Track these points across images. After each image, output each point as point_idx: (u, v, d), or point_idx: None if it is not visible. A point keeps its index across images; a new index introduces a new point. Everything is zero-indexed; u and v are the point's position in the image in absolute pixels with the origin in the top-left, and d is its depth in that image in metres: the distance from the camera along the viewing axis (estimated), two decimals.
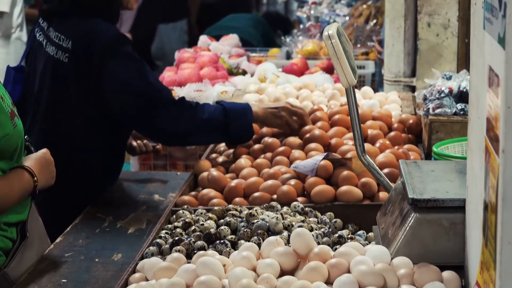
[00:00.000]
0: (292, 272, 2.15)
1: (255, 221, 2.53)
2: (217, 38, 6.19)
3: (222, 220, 2.61)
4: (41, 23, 3.32)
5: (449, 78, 3.43)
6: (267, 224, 2.50)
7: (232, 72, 5.33)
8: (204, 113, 3.21)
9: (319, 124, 3.43)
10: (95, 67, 3.13)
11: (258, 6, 11.23)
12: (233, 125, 3.25)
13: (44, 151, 2.66)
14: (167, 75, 4.96)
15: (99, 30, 3.17)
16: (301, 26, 7.47)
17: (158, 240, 2.51)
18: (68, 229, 2.93)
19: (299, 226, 2.48)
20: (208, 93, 4.56)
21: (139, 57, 3.20)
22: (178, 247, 2.41)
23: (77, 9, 3.21)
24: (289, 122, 3.40)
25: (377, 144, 3.27)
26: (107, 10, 3.24)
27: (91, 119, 3.22)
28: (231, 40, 6.03)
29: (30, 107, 3.28)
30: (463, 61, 4.24)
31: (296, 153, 3.19)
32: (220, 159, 3.41)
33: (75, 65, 3.16)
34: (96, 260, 2.63)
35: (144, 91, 3.13)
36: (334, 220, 2.67)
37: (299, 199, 2.86)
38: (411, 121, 3.59)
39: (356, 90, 3.09)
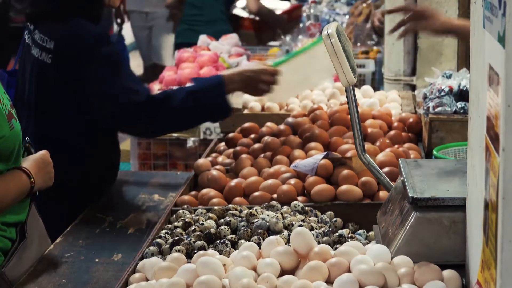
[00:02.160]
0: (292, 271, 2.15)
1: (255, 220, 2.52)
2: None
3: (222, 220, 2.60)
4: (29, 25, 3.33)
5: (449, 76, 3.43)
6: (267, 223, 2.50)
7: None
8: (174, 105, 3.13)
9: (319, 123, 3.43)
10: (75, 68, 3.12)
11: None
12: (206, 106, 3.17)
13: (43, 152, 2.66)
14: (167, 75, 4.96)
15: (80, 30, 3.16)
16: (301, 25, 7.45)
17: (158, 240, 2.51)
18: (68, 229, 2.93)
19: (299, 226, 2.48)
20: None
21: (118, 57, 3.18)
22: (178, 247, 2.41)
23: (60, 10, 3.20)
24: (267, 83, 3.24)
25: (377, 143, 3.27)
26: (89, 9, 3.23)
27: (78, 120, 3.21)
28: (231, 39, 6.03)
29: (22, 111, 3.27)
30: (463, 60, 4.25)
31: (296, 152, 3.18)
32: (220, 158, 3.41)
33: (57, 66, 3.15)
34: (96, 260, 2.62)
35: (117, 96, 3.11)
36: (334, 219, 2.67)
37: (299, 198, 2.86)
38: (411, 120, 3.59)
39: (356, 89, 3.09)
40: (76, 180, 3.24)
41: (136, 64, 9.27)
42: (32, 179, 2.54)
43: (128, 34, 8.70)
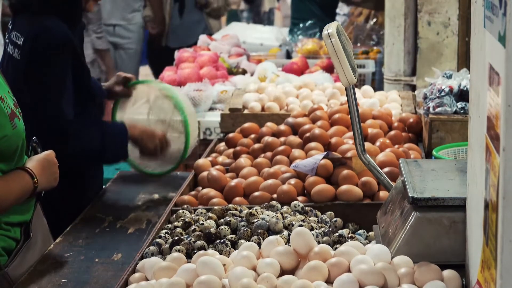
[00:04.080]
0: (292, 271, 2.15)
1: (255, 220, 2.52)
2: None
3: (222, 220, 2.60)
4: (9, 26, 3.34)
5: (450, 76, 3.43)
6: (267, 223, 2.50)
7: (232, 71, 5.32)
8: (84, 140, 3.18)
9: (319, 123, 3.43)
10: (32, 65, 3.13)
11: None
12: (108, 150, 3.23)
13: (47, 152, 2.66)
14: (166, 75, 4.96)
15: (46, 29, 3.15)
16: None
17: (158, 240, 2.51)
18: (68, 229, 2.93)
19: (299, 226, 2.48)
20: (208, 92, 4.55)
21: (66, 71, 3.16)
22: (178, 247, 2.41)
23: (37, 7, 3.20)
24: (159, 147, 3.37)
25: (377, 143, 3.27)
26: (66, 10, 3.22)
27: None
28: (231, 39, 6.03)
29: None
30: (463, 60, 4.25)
31: (296, 152, 3.18)
32: (220, 158, 3.40)
33: (23, 61, 3.15)
34: (96, 260, 2.62)
35: (41, 110, 3.12)
36: (334, 219, 2.66)
37: (299, 198, 2.85)
38: (411, 120, 3.58)
39: (356, 89, 3.08)
40: (67, 177, 3.23)
41: None
42: (35, 180, 2.54)
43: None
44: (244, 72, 5.31)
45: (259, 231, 2.47)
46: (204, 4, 7.81)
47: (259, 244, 2.29)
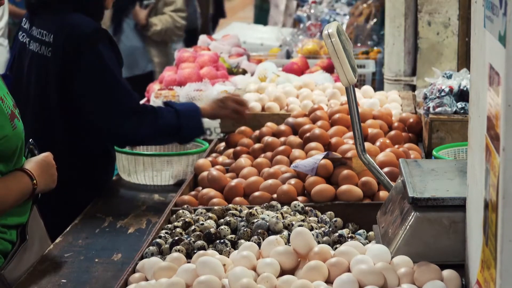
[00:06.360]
0: (292, 271, 2.15)
1: (255, 220, 2.52)
2: None
3: (222, 220, 2.60)
4: (23, 25, 3.34)
5: (450, 76, 3.43)
6: (267, 223, 2.50)
7: (232, 71, 5.32)
8: (161, 118, 3.27)
9: (319, 123, 3.43)
10: (70, 61, 3.13)
11: None
12: (185, 127, 3.34)
13: (45, 154, 2.66)
14: (167, 75, 4.95)
15: (77, 23, 3.18)
16: (301, 25, 7.45)
17: (158, 240, 2.51)
18: (67, 229, 2.93)
19: (299, 225, 2.48)
20: (208, 92, 4.55)
21: (111, 55, 3.20)
22: (178, 247, 2.41)
23: (60, 3, 3.21)
24: (237, 108, 3.54)
25: (377, 143, 3.26)
26: (90, 5, 3.25)
27: (74, 115, 3.21)
28: (231, 39, 6.02)
29: (20, 110, 3.28)
30: (464, 60, 4.25)
31: (296, 152, 3.18)
32: (220, 158, 3.40)
33: (56, 58, 3.16)
34: (96, 260, 2.62)
35: (109, 98, 3.16)
36: (334, 219, 2.66)
37: (299, 198, 2.85)
38: (411, 120, 3.58)
39: (356, 89, 3.08)
40: (74, 177, 3.23)
41: None
42: (35, 181, 2.54)
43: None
44: (244, 72, 5.31)
45: (259, 231, 2.47)
46: (144, 26, 6.60)
47: (259, 244, 2.29)
